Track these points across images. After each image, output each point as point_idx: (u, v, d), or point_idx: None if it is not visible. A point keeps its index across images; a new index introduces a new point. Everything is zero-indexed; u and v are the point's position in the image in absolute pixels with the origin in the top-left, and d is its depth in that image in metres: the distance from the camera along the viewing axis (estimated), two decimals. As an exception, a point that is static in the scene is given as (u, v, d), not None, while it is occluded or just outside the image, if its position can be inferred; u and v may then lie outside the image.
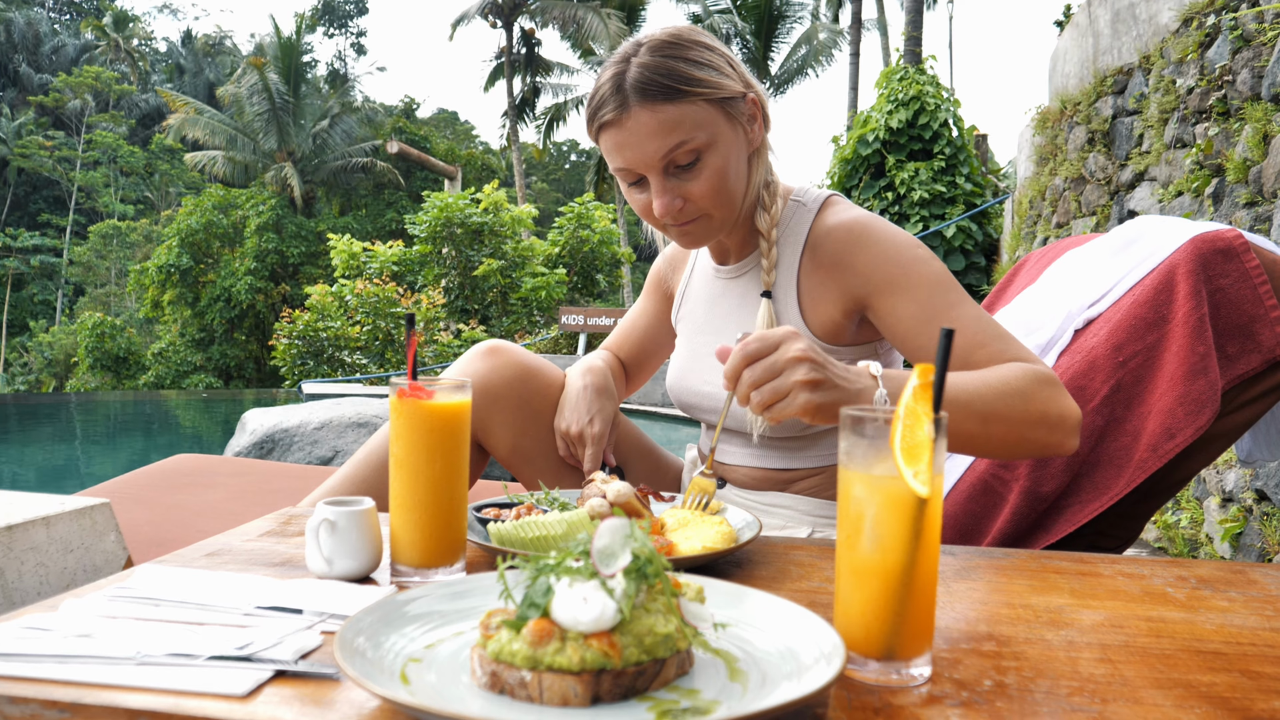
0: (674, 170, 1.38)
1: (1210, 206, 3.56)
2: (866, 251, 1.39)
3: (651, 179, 1.38)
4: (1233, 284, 1.44)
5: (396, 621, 0.79)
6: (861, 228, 1.42)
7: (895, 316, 1.37)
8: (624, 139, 1.36)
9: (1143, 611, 0.94)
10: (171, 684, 0.71)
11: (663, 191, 1.38)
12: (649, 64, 1.35)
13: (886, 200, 9.43)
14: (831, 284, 1.43)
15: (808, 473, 1.51)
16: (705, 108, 1.36)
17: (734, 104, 1.40)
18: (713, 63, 1.38)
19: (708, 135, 1.36)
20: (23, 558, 1.43)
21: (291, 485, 2.50)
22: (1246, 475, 2.98)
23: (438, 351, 12.38)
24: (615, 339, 1.85)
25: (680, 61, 1.35)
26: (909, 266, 1.37)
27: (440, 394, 1.01)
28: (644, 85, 1.33)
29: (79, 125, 37.46)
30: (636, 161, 1.37)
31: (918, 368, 0.75)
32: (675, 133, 1.34)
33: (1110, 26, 5.15)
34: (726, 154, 1.39)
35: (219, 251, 24.02)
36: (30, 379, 28.53)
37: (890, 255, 1.38)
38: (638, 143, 1.35)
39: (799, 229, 1.48)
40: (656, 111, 1.33)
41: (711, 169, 1.37)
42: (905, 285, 1.36)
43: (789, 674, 0.71)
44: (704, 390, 1.55)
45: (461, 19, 26.40)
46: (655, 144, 1.34)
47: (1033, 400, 1.22)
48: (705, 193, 1.38)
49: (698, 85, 1.35)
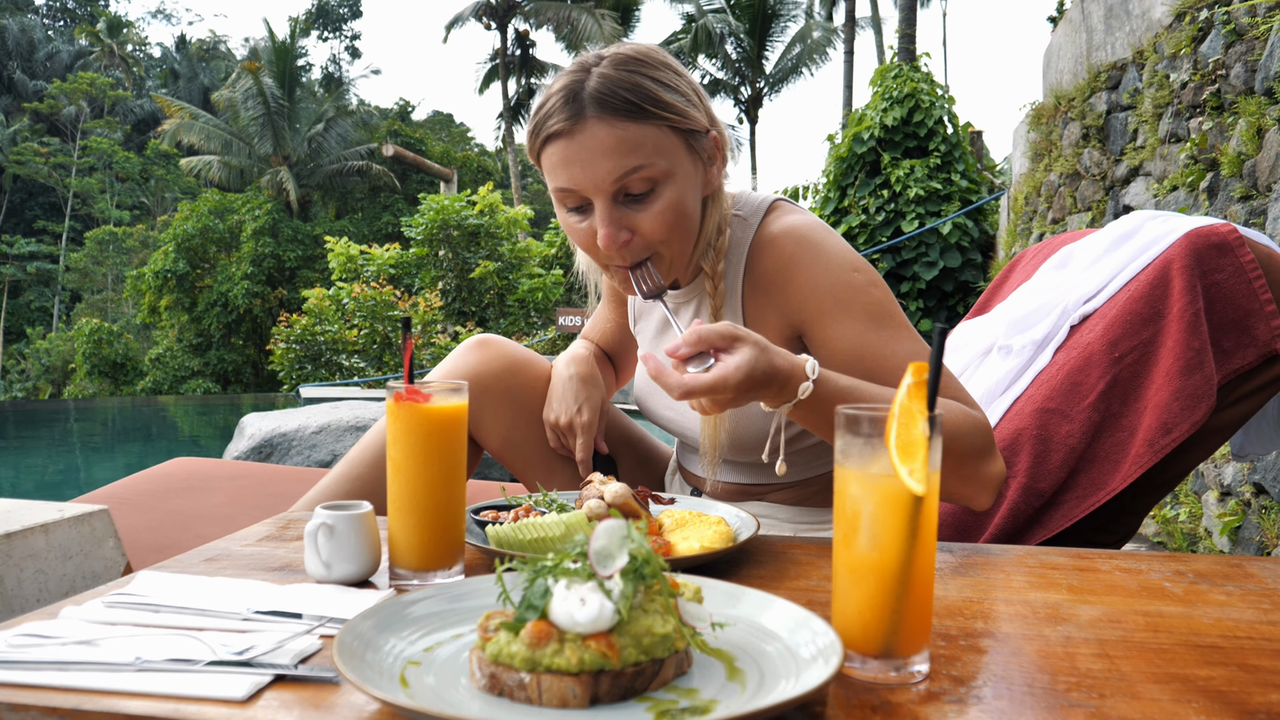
0: (624, 198, 1.25)
1: (1205, 201, 3.57)
2: (801, 273, 1.30)
3: (598, 204, 1.25)
4: (1227, 278, 1.44)
5: (395, 625, 0.79)
6: (796, 243, 1.31)
7: (828, 349, 1.29)
8: (573, 153, 1.22)
9: (1140, 606, 0.94)
10: (171, 689, 0.71)
11: (608, 221, 1.24)
12: (613, 77, 1.23)
13: (883, 198, 9.44)
14: (770, 307, 1.36)
15: (781, 485, 1.50)
16: (669, 135, 1.24)
17: (697, 139, 1.29)
18: (681, 89, 1.28)
19: (668, 164, 1.24)
20: (22, 565, 1.43)
21: (290, 489, 2.49)
22: (1244, 469, 2.99)
23: (435, 354, 12.36)
24: (594, 333, 1.80)
25: (648, 80, 1.24)
26: (841, 296, 1.27)
27: (437, 397, 1.01)
28: (605, 97, 1.21)
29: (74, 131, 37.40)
30: (584, 181, 1.23)
31: (911, 366, 0.75)
32: (634, 155, 1.21)
33: (1103, 22, 5.16)
34: (684, 190, 1.27)
35: (215, 256, 24.01)
36: (27, 386, 28.49)
37: (823, 280, 1.28)
38: (589, 159, 1.22)
39: (739, 247, 1.38)
40: (615, 127, 1.21)
41: (666, 202, 1.25)
42: (837, 316, 1.27)
43: (787, 673, 0.71)
44: (666, 415, 1.55)
45: (456, 21, 26.41)
46: (610, 163, 1.21)
47: (965, 450, 1.18)
48: (656, 228, 1.25)
49: (664, 109, 1.24)
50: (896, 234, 9.37)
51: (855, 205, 9.62)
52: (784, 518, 1.49)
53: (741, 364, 1.06)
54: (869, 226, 9.47)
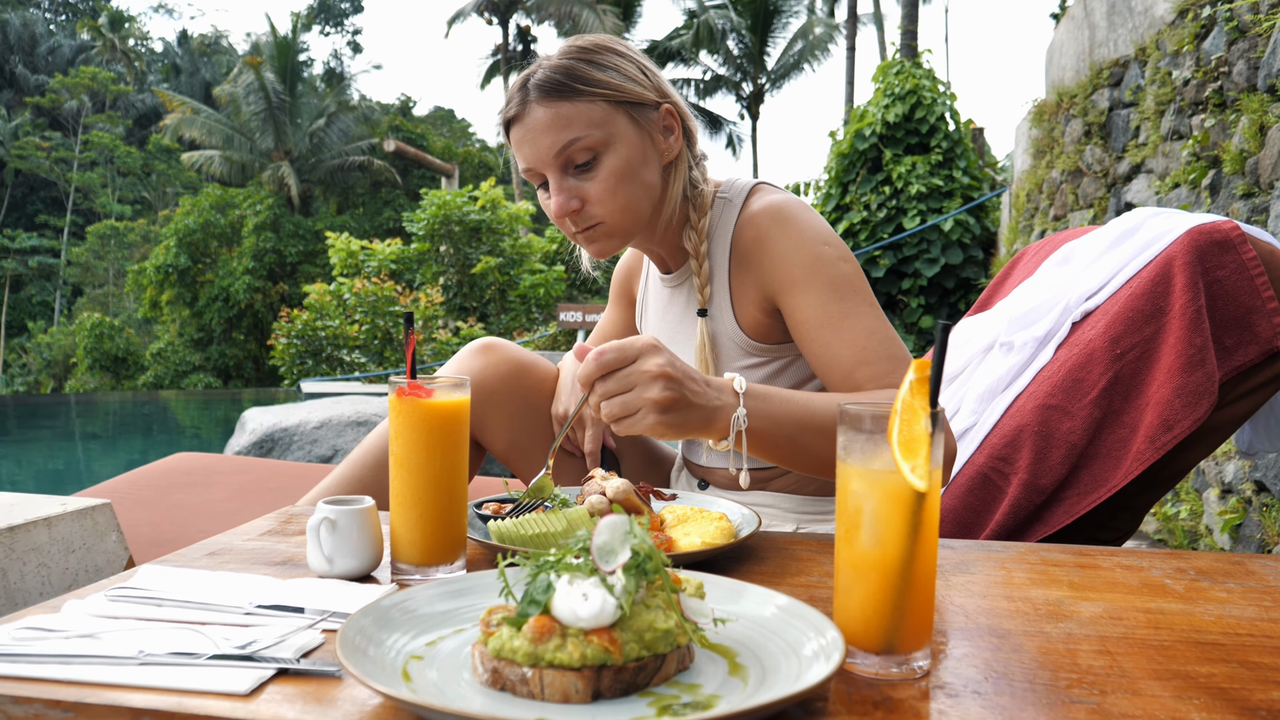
0: (572, 170, 1.37)
1: (1207, 198, 3.57)
2: (775, 245, 1.37)
3: (550, 177, 1.37)
4: (1230, 275, 1.44)
5: (398, 619, 0.79)
6: (772, 218, 1.38)
7: (795, 318, 1.34)
8: (523, 135, 1.37)
9: (1141, 603, 0.94)
10: (174, 683, 0.71)
11: (559, 190, 1.37)
12: (552, 65, 1.36)
13: (884, 194, 9.42)
14: (750, 280, 1.42)
15: (784, 470, 1.50)
16: (603, 107, 1.35)
17: (641, 110, 1.39)
18: (619, 67, 1.39)
19: (603, 134, 1.35)
20: (25, 559, 1.43)
21: (291, 484, 2.50)
22: (1246, 466, 2.99)
23: (436, 349, 12.37)
24: (601, 337, 1.85)
25: (582, 63, 1.36)
26: (810, 266, 1.33)
27: (439, 392, 1.01)
28: (542, 83, 1.35)
29: (75, 126, 37.38)
30: (534, 158, 1.37)
31: (915, 363, 0.75)
32: (568, 129, 1.34)
33: (1106, 19, 5.15)
34: (627, 157, 1.37)
35: (217, 251, 24.01)
36: (29, 380, 28.51)
37: (794, 252, 1.35)
38: (534, 138, 1.35)
39: (725, 227, 1.46)
40: (550, 107, 1.34)
41: (609, 170, 1.36)
42: (805, 285, 1.33)
43: (789, 669, 0.71)
44: None
45: (457, 16, 26.37)
46: (548, 139, 1.34)
47: None
48: (601, 194, 1.36)
49: (595, 85, 1.35)
50: (898, 230, 9.36)
51: (857, 202, 9.61)
52: (787, 508, 1.49)
53: (663, 355, 1.09)
54: (870, 223, 9.46)
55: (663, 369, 1.07)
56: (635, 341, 1.09)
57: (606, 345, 1.09)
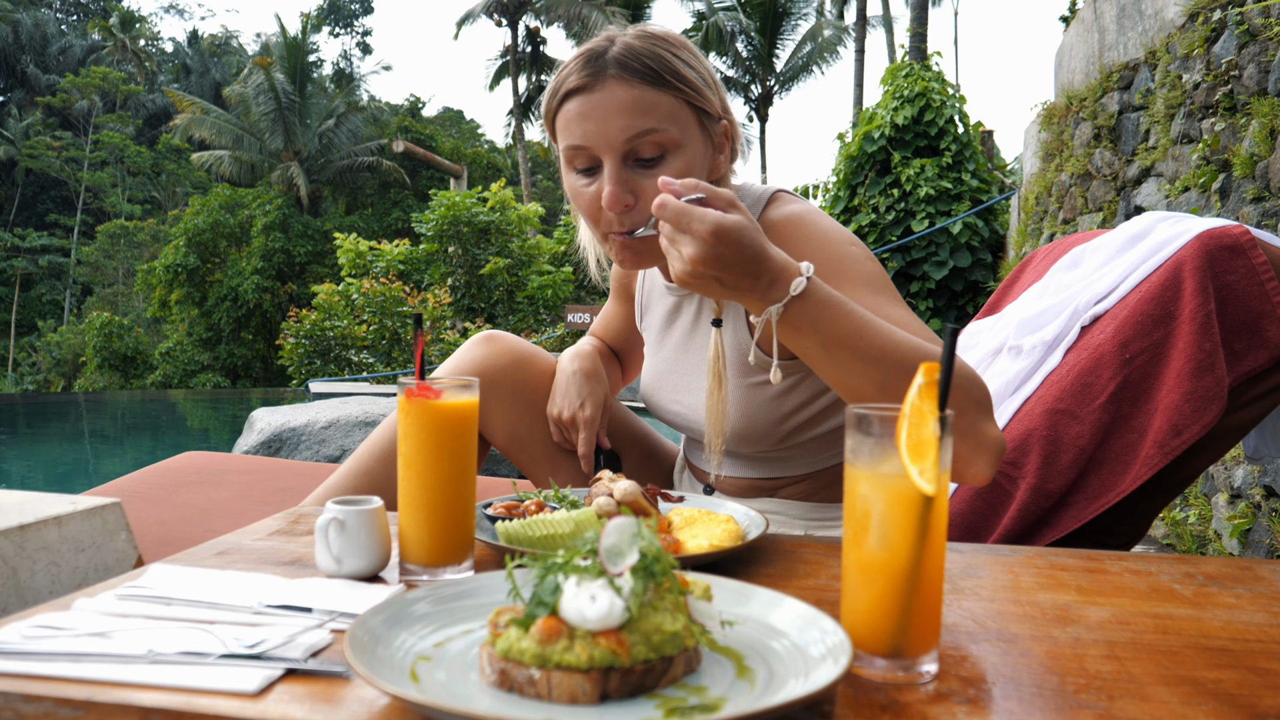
0: (633, 162, 1.28)
1: (1217, 202, 3.55)
2: (801, 249, 1.30)
3: (607, 163, 1.26)
4: (1239, 280, 1.43)
5: (405, 620, 0.79)
6: (794, 224, 1.33)
7: None
8: (589, 108, 1.25)
9: (1150, 608, 0.94)
10: (183, 682, 0.71)
11: (616, 179, 1.26)
12: (635, 45, 1.27)
13: (893, 197, 9.41)
14: None
15: (792, 479, 1.50)
16: (684, 108, 1.28)
17: (710, 120, 1.33)
18: (700, 70, 1.33)
19: (679, 133, 1.27)
20: (35, 557, 1.44)
21: (300, 483, 2.50)
22: (1255, 471, 2.98)
23: (444, 350, 12.38)
24: (600, 329, 1.84)
25: (668, 53, 1.29)
26: (840, 264, 1.27)
27: (448, 394, 1.01)
28: (627, 59, 1.25)
29: (86, 125, 37.56)
30: (597, 137, 1.25)
31: (923, 366, 0.75)
32: (649, 117, 1.24)
33: (1116, 22, 5.14)
34: (692, 163, 1.30)
35: (226, 251, 24.10)
36: (39, 379, 28.64)
37: (823, 253, 1.29)
38: (604, 115, 1.24)
39: None
40: (634, 88, 1.24)
41: (674, 171, 1.28)
42: (837, 282, 1.26)
43: (796, 671, 0.71)
44: (673, 410, 1.56)
45: (467, 18, 26.42)
46: (624, 121, 1.24)
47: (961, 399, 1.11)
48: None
49: (682, 81, 1.28)
50: (906, 233, 9.35)
51: (865, 204, 9.60)
52: (795, 514, 1.49)
53: (739, 220, 1.03)
54: (879, 225, 9.45)
55: (707, 241, 1.01)
56: (709, 211, 1.02)
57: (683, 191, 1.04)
